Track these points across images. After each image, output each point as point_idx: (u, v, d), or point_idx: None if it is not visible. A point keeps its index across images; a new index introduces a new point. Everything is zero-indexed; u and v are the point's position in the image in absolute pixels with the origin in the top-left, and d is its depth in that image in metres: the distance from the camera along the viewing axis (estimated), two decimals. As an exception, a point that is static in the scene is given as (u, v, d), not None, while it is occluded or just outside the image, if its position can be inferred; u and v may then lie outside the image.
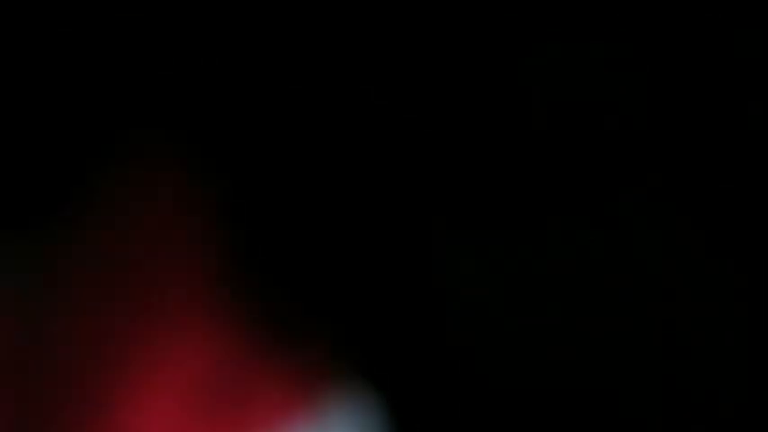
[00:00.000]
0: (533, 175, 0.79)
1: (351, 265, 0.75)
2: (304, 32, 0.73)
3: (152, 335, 0.69)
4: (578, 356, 0.80)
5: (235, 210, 0.69)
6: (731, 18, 0.81)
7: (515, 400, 0.80)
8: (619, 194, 0.83)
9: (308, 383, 0.75)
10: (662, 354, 0.82)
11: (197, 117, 0.70)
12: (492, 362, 0.78)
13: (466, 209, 0.76)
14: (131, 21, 0.70)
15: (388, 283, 0.74)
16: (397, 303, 0.73)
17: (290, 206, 0.72)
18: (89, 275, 0.68)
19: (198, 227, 0.71)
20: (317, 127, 0.70)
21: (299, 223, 0.72)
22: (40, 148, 0.69)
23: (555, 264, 0.81)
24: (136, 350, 0.69)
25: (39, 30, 0.66)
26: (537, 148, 0.81)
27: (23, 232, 0.67)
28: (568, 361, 0.79)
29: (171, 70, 0.72)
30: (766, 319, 0.82)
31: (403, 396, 0.78)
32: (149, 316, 0.69)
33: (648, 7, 0.78)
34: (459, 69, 0.77)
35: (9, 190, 0.66)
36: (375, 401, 0.78)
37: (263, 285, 0.68)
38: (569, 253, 0.81)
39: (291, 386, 0.74)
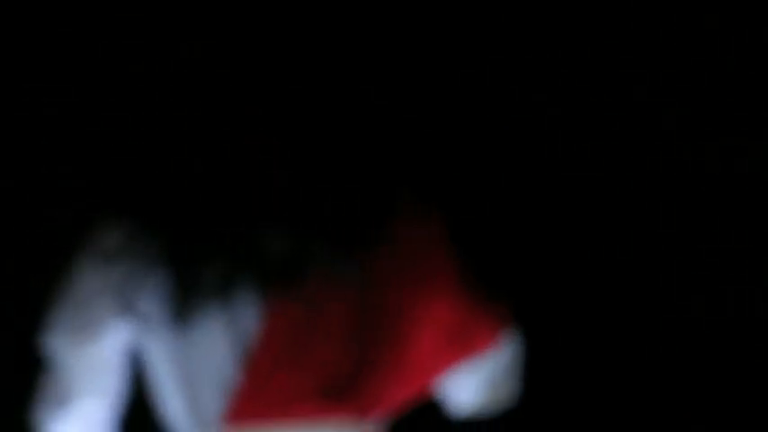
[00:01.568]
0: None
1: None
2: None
3: (421, 297, 1.32)
4: None
5: (459, 237, 1.34)
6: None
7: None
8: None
9: (497, 325, 1.39)
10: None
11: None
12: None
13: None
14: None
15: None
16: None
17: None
18: (394, 268, 1.32)
19: (443, 245, 1.35)
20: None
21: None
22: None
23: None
24: (414, 307, 1.32)
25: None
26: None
27: (354, 253, 1.31)
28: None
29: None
30: None
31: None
32: (422, 289, 1.32)
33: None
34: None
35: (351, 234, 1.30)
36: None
37: (478, 273, 1.33)
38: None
39: (491, 325, 1.38)
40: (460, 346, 1.37)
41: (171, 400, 1.34)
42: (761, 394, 1.63)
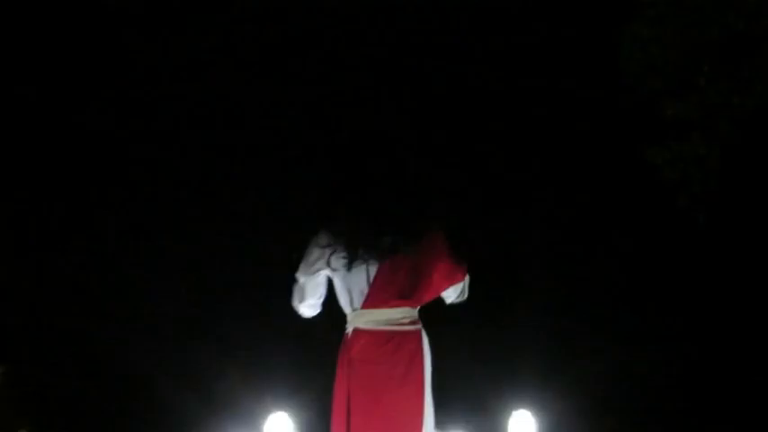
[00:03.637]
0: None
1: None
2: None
3: (435, 261, 3.54)
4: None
5: (450, 239, 3.56)
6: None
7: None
8: None
9: (463, 272, 3.63)
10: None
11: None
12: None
13: None
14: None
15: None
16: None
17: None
18: (425, 249, 3.53)
19: (445, 242, 3.57)
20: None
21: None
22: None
23: None
24: (433, 264, 3.54)
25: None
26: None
27: (412, 243, 3.52)
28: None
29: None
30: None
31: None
32: (435, 257, 3.54)
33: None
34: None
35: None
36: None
37: (456, 252, 3.56)
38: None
39: (461, 272, 3.61)
40: (449, 280, 3.62)
41: (341, 299, 3.58)
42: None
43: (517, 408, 3.49)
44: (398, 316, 3.52)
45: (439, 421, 3.59)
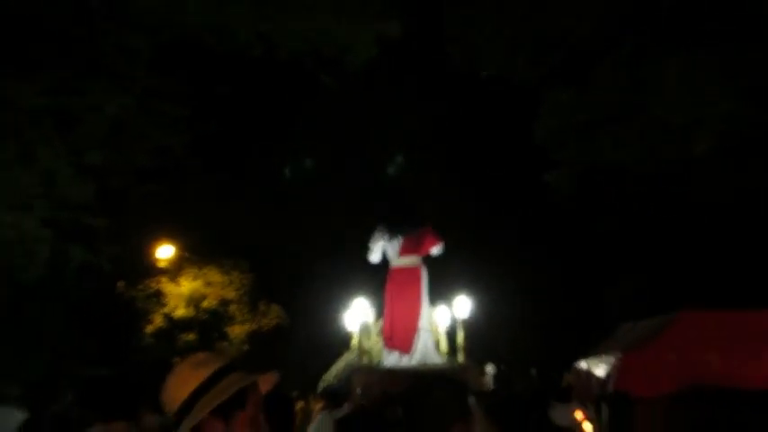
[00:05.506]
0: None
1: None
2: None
3: (428, 236, 8.35)
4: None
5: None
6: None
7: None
8: None
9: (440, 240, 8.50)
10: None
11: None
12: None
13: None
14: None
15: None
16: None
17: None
18: (421, 230, 8.35)
19: (432, 228, 8.38)
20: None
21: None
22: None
23: None
24: (426, 238, 8.33)
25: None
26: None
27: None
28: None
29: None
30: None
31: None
32: (427, 235, 8.34)
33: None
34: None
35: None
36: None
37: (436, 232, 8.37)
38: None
39: (439, 240, 8.46)
40: (434, 243, 8.62)
41: (388, 253, 8.48)
42: None
43: (459, 294, 8.35)
44: (414, 260, 8.36)
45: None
